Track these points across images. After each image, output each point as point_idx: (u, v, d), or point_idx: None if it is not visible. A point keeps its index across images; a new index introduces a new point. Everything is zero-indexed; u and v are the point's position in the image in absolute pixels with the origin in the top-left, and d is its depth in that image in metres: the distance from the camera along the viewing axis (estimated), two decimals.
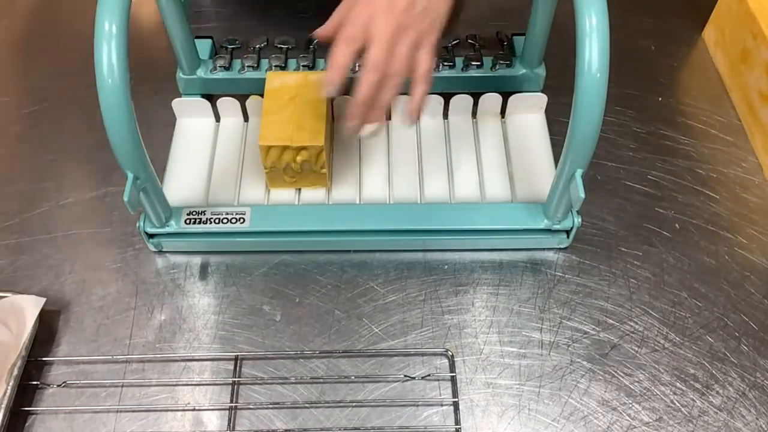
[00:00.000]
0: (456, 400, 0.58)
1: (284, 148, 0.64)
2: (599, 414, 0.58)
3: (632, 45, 0.83)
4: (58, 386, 0.59)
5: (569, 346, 0.61)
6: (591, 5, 0.49)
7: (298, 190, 0.69)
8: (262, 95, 0.67)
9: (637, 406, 0.58)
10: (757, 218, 0.69)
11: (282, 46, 0.76)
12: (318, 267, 0.66)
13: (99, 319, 0.63)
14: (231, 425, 0.57)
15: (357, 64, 0.57)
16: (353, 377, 0.60)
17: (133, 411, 0.58)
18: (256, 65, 0.75)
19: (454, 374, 0.60)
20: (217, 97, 0.72)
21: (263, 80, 0.67)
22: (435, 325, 0.63)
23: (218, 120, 0.74)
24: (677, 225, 0.69)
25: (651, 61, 0.82)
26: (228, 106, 0.72)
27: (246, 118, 0.74)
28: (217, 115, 0.74)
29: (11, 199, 0.71)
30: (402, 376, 0.60)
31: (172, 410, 0.58)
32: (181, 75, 0.75)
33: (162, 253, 0.67)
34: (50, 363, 0.61)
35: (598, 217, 0.69)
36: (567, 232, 0.65)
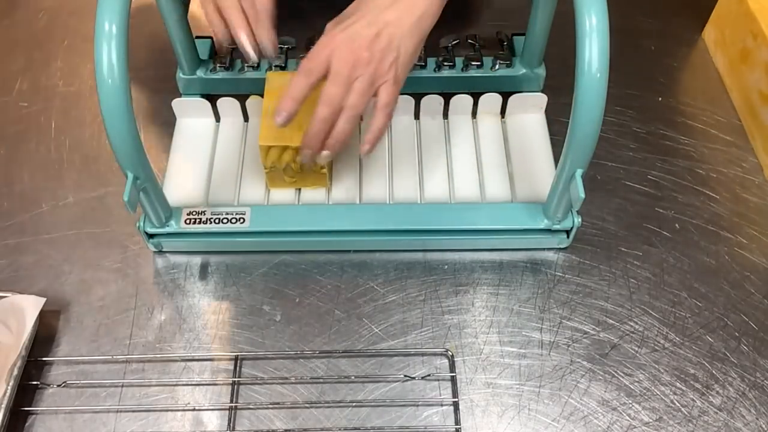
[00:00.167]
0: (456, 400, 0.58)
1: (284, 148, 0.64)
2: (599, 414, 0.58)
3: (632, 45, 0.83)
4: (58, 386, 0.59)
5: (569, 346, 0.61)
6: (591, 5, 0.49)
7: (298, 190, 0.69)
8: (262, 95, 0.67)
9: (637, 406, 0.58)
10: (757, 218, 0.69)
11: (282, 46, 0.75)
12: (318, 267, 0.66)
13: (99, 319, 0.63)
14: (231, 425, 0.57)
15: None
16: (353, 377, 0.60)
17: (133, 411, 0.58)
18: (256, 65, 0.75)
19: (454, 374, 0.60)
20: (217, 97, 0.72)
21: (263, 80, 0.67)
22: (435, 325, 0.63)
23: (218, 120, 0.74)
24: (677, 225, 0.69)
25: (651, 61, 0.82)
26: (228, 106, 0.72)
27: (246, 118, 0.74)
28: (217, 115, 0.74)
29: (11, 199, 0.71)
30: (402, 376, 0.60)
31: (172, 410, 0.58)
32: (181, 75, 0.75)
33: (162, 253, 0.67)
34: (50, 363, 0.61)
35: (598, 217, 0.69)
36: (567, 232, 0.65)
